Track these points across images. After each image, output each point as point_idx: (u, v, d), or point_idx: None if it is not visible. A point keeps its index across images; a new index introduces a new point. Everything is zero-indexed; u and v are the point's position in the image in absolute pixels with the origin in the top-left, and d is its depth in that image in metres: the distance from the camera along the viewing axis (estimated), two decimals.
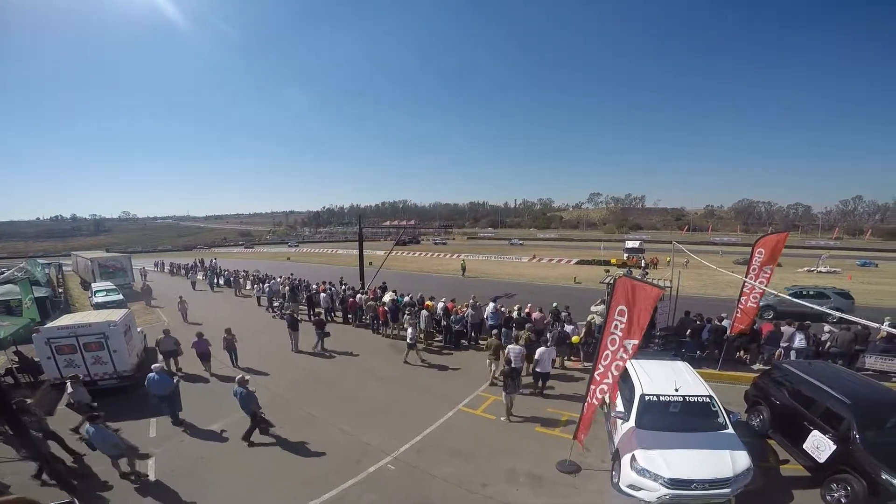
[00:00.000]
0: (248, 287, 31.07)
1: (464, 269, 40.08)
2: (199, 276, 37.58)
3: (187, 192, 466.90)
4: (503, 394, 10.65)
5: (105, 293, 24.30)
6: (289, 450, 9.60)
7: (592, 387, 8.05)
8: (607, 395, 8.14)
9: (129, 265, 33.99)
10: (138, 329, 15.71)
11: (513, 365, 10.66)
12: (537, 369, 11.92)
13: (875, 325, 8.19)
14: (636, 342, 7.60)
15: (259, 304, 25.69)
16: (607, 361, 7.84)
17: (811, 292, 22.58)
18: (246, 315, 23.04)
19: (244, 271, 35.02)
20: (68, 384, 10.52)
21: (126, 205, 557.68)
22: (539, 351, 11.91)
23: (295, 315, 17.29)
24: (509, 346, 12.16)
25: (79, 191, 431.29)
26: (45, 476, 8.29)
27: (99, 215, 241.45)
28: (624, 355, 7.67)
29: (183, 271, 42.08)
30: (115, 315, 13.48)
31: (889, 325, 11.73)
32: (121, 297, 24.06)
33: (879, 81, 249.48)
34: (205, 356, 14.32)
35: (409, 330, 14.87)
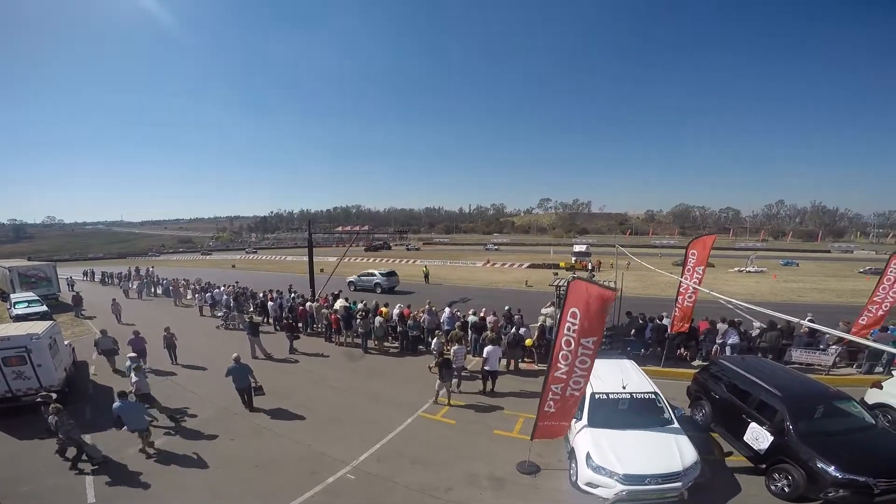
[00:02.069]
0: (189, 296, 29.44)
1: (427, 277, 38.78)
2: (134, 285, 35.22)
3: (120, 196, 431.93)
4: (437, 382, 11.58)
5: (26, 304, 22.47)
6: (240, 464, 9.12)
7: (553, 385, 8.08)
8: (581, 387, 8.21)
9: (55, 274, 31.32)
10: (66, 342, 14.58)
11: (446, 358, 11.75)
12: (486, 368, 12.29)
13: (794, 320, 8.74)
14: (595, 338, 7.78)
15: (201, 315, 24.40)
16: (568, 361, 7.89)
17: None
18: (187, 325, 21.66)
19: (184, 280, 33.17)
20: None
21: (50, 209, 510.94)
22: (486, 350, 12.28)
23: (255, 321, 16.80)
24: (454, 347, 12.76)
25: None
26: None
27: (19, 220, 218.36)
28: (585, 352, 7.82)
29: (116, 280, 39.22)
30: (39, 327, 12.45)
31: (810, 321, 12.84)
32: (44, 308, 22.30)
33: (800, 93, 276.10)
34: (141, 353, 14.45)
35: (455, 348, 12.89)
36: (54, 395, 10.43)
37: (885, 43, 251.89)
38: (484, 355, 12.33)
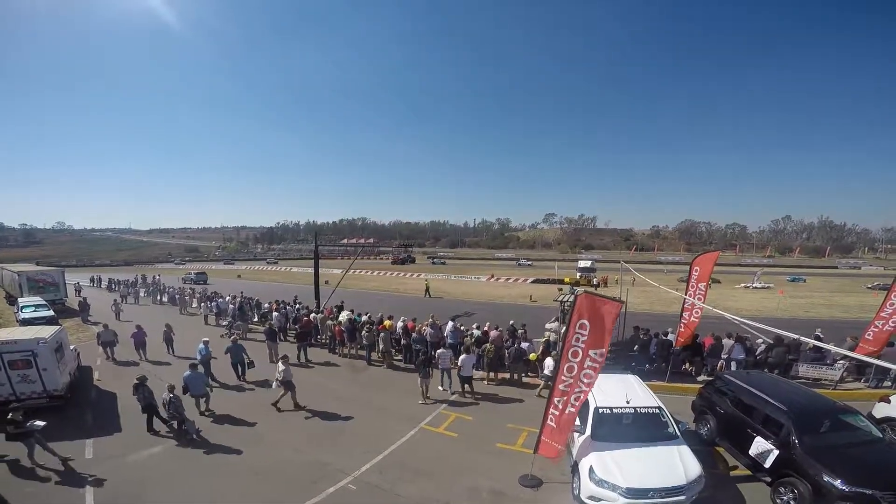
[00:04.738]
0: (195, 305, 29.61)
1: (427, 290, 38.70)
2: (142, 292, 35.53)
3: (129, 204, 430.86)
4: (419, 379, 12.76)
5: (33, 308, 22.56)
6: (240, 471, 9.13)
7: (556, 399, 8.20)
8: (581, 401, 8.27)
9: (62, 280, 31.68)
10: (71, 347, 14.72)
11: (427, 356, 13.38)
12: (461, 374, 13.12)
13: (794, 335, 8.79)
14: (602, 350, 7.96)
15: (206, 323, 24.52)
16: (573, 373, 8.05)
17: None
18: (190, 331, 21.67)
19: (190, 289, 33.44)
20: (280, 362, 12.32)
21: (60, 215, 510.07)
22: (462, 358, 13.17)
23: (273, 329, 17.70)
24: (439, 351, 13.98)
25: (6, 197, 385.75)
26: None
27: (29, 225, 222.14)
28: (592, 364, 7.95)
29: (122, 287, 39.41)
30: (46, 332, 12.62)
31: (816, 336, 12.78)
32: (51, 312, 22.37)
33: (808, 106, 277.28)
34: (141, 344, 16.98)
35: (549, 361, 13.49)
36: (147, 378, 11.28)
37: (892, 55, 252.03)
38: (459, 363, 13.19)
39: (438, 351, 14.07)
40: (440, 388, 13.60)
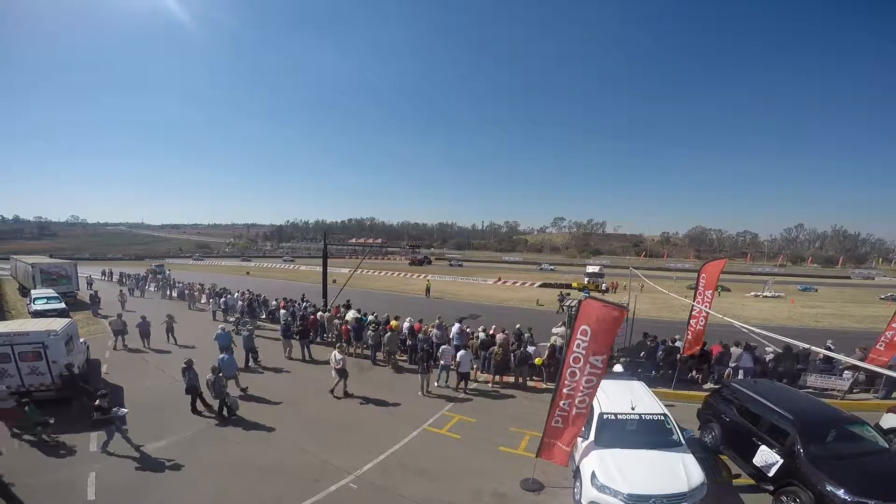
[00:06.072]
0: (203, 300, 29.88)
1: (428, 290, 39.52)
2: (152, 287, 35.81)
3: (142, 199, 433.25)
4: (419, 374, 13.46)
5: (45, 300, 22.77)
6: (243, 467, 9.18)
7: (560, 402, 8.20)
8: (587, 404, 8.28)
9: (75, 272, 32.01)
10: (81, 340, 14.82)
11: (427, 351, 14.14)
12: (459, 370, 13.59)
13: (803, 345, 8.72)
14: (604, 356, 7.99)
15: (214, 319, 24.69)
16: (576, 377, 8.07)
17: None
18: (197, 326, 21.91)
19: (199, 284, 33.72)
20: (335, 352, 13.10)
21: (75, 209, 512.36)
22: (460, 353, 13.64)
23: (288, 324, 17.99)
24: (442, 347, 14.49)
25: (22, 190, 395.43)
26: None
27: (44, 218, 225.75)
28: (593, 370, 7.96)
29: (133, 281, 39.89)
30: (57, 324, 12.75)
31: (828, 347, 12.63)
32: (63, 305, 22.58)
33: (822, 113, 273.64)
34: (145, 334, 17.95)
35: (443, 347, 14.64)
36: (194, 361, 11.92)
37: None
38: (457, 359, 13.62)
39: (442, 347, 14.44)
40: (436, 383, 14.04)
